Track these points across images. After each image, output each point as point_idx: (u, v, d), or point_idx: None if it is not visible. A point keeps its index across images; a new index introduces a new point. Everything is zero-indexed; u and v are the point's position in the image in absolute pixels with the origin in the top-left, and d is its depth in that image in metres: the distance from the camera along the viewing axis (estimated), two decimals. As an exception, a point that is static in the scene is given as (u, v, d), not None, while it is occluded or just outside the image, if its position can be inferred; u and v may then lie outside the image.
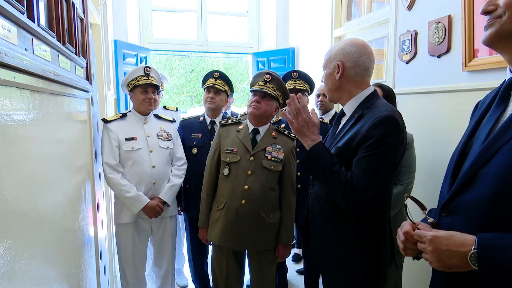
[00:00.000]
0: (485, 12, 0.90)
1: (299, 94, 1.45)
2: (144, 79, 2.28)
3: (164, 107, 3.30)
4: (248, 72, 5.47)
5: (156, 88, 2.33)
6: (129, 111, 2.39)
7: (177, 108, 3.34)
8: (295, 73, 2.62)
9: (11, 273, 0.76)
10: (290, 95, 1.46)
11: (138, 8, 4.41)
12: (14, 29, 0.82)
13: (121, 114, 2.33)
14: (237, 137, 2.06)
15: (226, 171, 2.03)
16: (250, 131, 2.07)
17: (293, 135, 2.14)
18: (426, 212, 1.02)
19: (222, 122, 2.17)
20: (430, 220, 0.97)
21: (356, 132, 1.36)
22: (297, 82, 2.60)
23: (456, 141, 1.05)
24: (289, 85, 2.58)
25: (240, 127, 2.11)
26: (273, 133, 2.09)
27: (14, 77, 0.81)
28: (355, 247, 1.42)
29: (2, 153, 0.77)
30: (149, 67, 2.32)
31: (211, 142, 2.27)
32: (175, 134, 2.46)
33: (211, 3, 4.77)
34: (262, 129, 2.08)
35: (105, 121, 2.25)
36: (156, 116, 2.45)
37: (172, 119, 2.52)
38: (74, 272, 1.41)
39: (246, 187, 1.98)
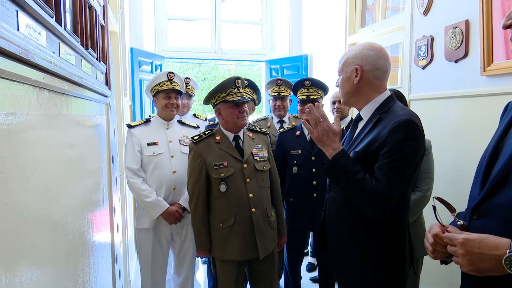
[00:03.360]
0: (506, 27, 0.90)
1: (316, 103, 1.46)
2: (167, 85, 2.30)
3: (194, 114, 3.32)
4: (261, 80, 5.50)
5: (179, 93, 2.36)
6: (153, 117, 2.42)
7: (206, 118, 3.34)
8: (307, 82, 2.60)
9: (26, 278, 0.76)
10: (308, 105, 1.46)
11: (154, 16, 4.49)
12: (43, 31, 0.85)
13: (144, 120, 2.37)
14: (220, 149, 1.98)
15: (223, 188, 1.95)
16: (232, 139, 2.04)
17: (264, 130, 2.21)
18: (455, 214, 1.00)
19: (195, 138, 2.03)
20: (460, 222, 0.95)
21: (375, 136, 1.35)
22: (310, 90, 2.58)
23: (476, 146, 1.04)
24: (302, 94, 2.57)
25: (218, 137, 2.02)
26: (250, 134, 2.11)
27: (43, 78, 0.83)
28: (374, 251, 1.41)
29: (29, 154, 0.78)
30: (173, 73, 2.34)
31: None
32: None
33: (225, 11, 4.83)
34: (241, 134, 2.07)
35: (129, 126, 2.29)
36: (180, 122, 2.47)
37: (196, 125, 2.53)
38: (90, 275, 1.42)
39: (251, 195, 1.97)
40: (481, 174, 0.96)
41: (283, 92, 2.99)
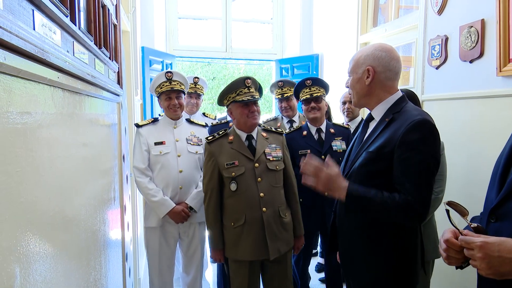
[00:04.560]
0: None
1: (308, 154, 1.42)
2: (166, 86, 2.28)
3: (204, 113, 3.32)
4: (270, 80, 5.49)
5: (181, 92, 2.34)
6: (162, 116, 2.43)
7: (215, 117, 3.33)
8: (308, 81, 2.60)
9: (40, 277, 0.77)
10: (301, 164, 1.40)
11: (165, 16, 4.51)
12: (58, 31, 0.85)
13: (153, 119, 2.37)
14: (233, 149, 1.98)
15: (233, 186, 1.95)
16: (244, 139, 2.03)
17: (280, 130, 2.20)
18: (469, 218, 0.98)
19: (208, 138, 2.04)
20: (474, 225, 0.93)
21: (389, 137, 1.33)
22: (312, 89, 2.57)
23: (492, 148, 1.01)
24: (304, 94, 2.55)
25: (230, 138, 2.02)
26: (264, 134, 2.09)
27: (58, 77, 0.83)
28: (385, 252, 1.39)
29: (43, 153, 0.79)
30: (171, 72, 2.31)
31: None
32: None
33: (236, 10, 4.83)
34: (254, 134, 2.06)
35: (137, 125, 2.30)
36: (188, 120, 2.47)
37: (205, 124, 2.52)
38: (101, 273, 1.43)
39: (261, 194, 1.95)
40: (498, 177, 0.94)
41: (286, 93, 2.99)
